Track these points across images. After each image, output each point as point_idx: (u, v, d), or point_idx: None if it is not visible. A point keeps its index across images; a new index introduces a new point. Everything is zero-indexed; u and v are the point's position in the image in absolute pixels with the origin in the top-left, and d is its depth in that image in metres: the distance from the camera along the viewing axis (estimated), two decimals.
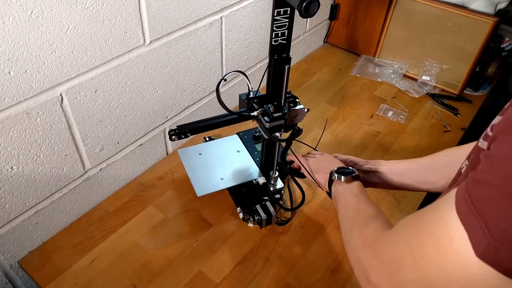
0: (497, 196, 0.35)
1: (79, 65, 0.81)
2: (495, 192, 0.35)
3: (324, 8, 1.61)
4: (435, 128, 1.33)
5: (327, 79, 1.53)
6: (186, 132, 0.84)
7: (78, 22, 0.77)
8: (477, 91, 1.49)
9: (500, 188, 0.35)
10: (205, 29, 1.07)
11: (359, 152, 1.22)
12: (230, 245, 0.95)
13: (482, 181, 0.37)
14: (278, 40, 0.76)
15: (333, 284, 0.89)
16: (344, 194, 0.70)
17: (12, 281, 0.94)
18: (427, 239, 0.40)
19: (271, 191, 0.97)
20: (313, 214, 1.03)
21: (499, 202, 0.34)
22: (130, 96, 0.96)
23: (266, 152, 0.95)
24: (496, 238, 0.34)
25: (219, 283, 0.88)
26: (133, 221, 0.99)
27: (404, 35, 1.49)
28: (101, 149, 0.97)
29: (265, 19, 1.27)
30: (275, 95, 0.83)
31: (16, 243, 0.89)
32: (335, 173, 0.74)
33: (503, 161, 0.36)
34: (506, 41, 1.45)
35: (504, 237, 0.33)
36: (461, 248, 0.36)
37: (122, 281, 0.87)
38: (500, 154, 0.37)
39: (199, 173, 0.99)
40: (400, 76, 1.52)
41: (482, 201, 0.36)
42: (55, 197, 0.92)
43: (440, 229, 0.39)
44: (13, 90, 0.73)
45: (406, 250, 0.43)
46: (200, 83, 1.16)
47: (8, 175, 0.80)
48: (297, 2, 0.63)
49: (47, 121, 0.81)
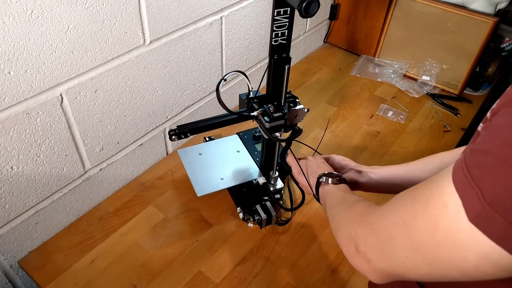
0: (493, 162, 0.35)
1: (79, 65, 0.81)
2: (491, 159, 0.35)
3: (324, 8, 1.61)
4: (435, 128, 1.33)
5: (327, 79, 1.53)
6: (186, 132, 0.84)
7: (78, 22, 0.77)
8: (477, 91, 1.49)
9: (496, 154, 0.34)
10: (205, 29, 1.07)
11: (359, 152, 1.23)
12: (230, 245, 0.95)
13: (479, 149, 0.37)
14: (278, 40, 0.76)
15: (333, 284, 0.89)
16: (331, 191, 0.72)
17: (12, 281, 0.94)
18: (421, 208, 0.40)
19: (271, 191, 0.97)
20: (313, 214, 1.03)
21: (495, 168, 0.34)
22: (130, 96, 0.96)
23: (266, 152, 0.95)
24: (490, 202, 0.33)
25: (219, 283, 0.88)
26: (133, 221, 0.99)
27: (404, 35, 1.49)
28: (101, 149, 0.97)
29: (265, 19, 1.27)
30: (275, 95, 0.83)
31: (16, 243, 0.89)
32: (323, 176, 0.76)
33: (502, 129, 0.36)
34: (506, 41, 1.45)
35: (497, 202, 0.33)
36: (453, 214, 0.36)
37: (122, 281, 0.87)
38: (500, 123, 0.37)
39: (199, 173, 0.99)
40: (400, 76, 1.52)
41: (477, 168, 0.36)
42: (55, 197, 0.92)
43: (435, 198, 0.39)
44: (13, 90, 0.73)
45: (398, 219, 0.43)
46: (200, 83, 1.16)
47: (8, 175, 0.80)
48: (297, 2, 0.63)
49: (47, 121, 0.81)
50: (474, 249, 0.35)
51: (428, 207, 0.39)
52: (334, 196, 0.69)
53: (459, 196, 0.36)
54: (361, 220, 0.51)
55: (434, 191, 0.39)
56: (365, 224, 0.50)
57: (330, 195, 0.71)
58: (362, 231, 0.49)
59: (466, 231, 0.35)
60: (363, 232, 0.49)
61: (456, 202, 0.36)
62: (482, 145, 0.37)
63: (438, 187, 0.39)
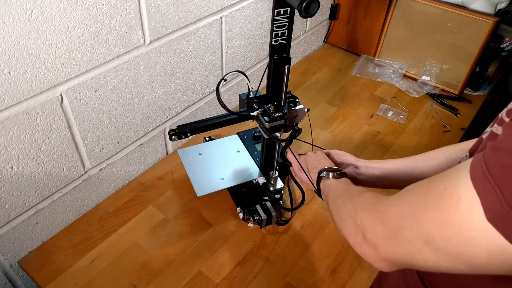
0: None
1: (79, 65, 0.81)
2: None
3: (324, 8, 1.61)
4: (435, 128, 1.33)
5: (327, 79, 1.53)
6: (186, 132, 0.84)
7: (78, 22, 0.77)
8: (477, 91, 1.49)
9: None
10: (205, 29, 1.07)
11: (359, 152, 1.22)
12: (230, 245, 0.95)
13: (501, 148, 0.36)
14: (278, 40, 0.76)
15: (333, 284, 0.89)
16: (333, 185, 0.71)
17: (12, 281, 0.94)
18: (433, 201, 0.40)
19: (271, 191, 0.97)
20: (313, 214, 1.03)
21: None
22: (130, 96, 0.96)
23: (266, 152, 0.95)
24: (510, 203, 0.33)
25: (219, 283, 0.88)
26: (133, 221, 0.99)
27: (404, 35, 1.49)
28: (101, 149, 0.97)
29: (265, 19, 1.27)
30: (275, 95, 0.83)
31: (16, 243, 0.89)
32: (323, 170, 0.75)
33: None
34: (506, 41, 1.45)
35: None
36: (467, 211, 0.36)
37: (122, 281, 0.87)
38: None
39: (199, 173, 0.99)
40: (400, 76, 1.52)
41: (498, 167, 0.35)
42: (55, 197, 0.92)
43: (448, 193, 0.38)
44: (13, 90, 0.73)
45: (409, 211, 0.43)
46: (200, 83, 1.16)
47: (8, 175, 0.80)
48: (297, 2, 0.63)
49: (47, 121, 0.81)
50: (486, 247, 0.35)
51: (440, 201, 0.39)
52: (336, 189, 0.69)
53: (477, 193, 0.35)
54: (369, 209, 0.51)
55: (448, 186, 0.39)
56: (373, 213, 0.49)
57: (332, 189, 0.70)
58: (370, 220, 0.49)
59: (480, 228, 0.35)
60: (371, 221, 0.49)
61: (471, 199, 0.35)
62: (503, 144, 0.36)
63: (453, 182, 0.38)
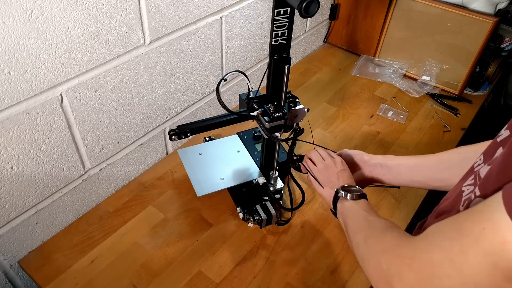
0: None
1: (79, 65, 0.81)
2: None
3: (324, 8, 1.61)
4: (435, 128, 1.33)
5: (327, 79, 1.53)
6: (186, 132, 0.84)
7: (78, 22, 0.77)
8: (477, 91, 1.49)
9: None
10: (205, 29, 1.07)
11: None
12: (230, 245, 0.95)
13: None
14: (278, 40, 0.76)
15: (333, 284, 0.89)
16: (353, 209, 0.68)
17: (12, 281, 0.94)
18: (472, 244, 0.37)
19: (271, 191, 0.97)
20: (313, 214, 1.03)
21: None
22: (130, 96, 0.96)
23: (266, 152, 0.95)
24: None
25: (219, 283, 0.88)
26: (133, 221, 0.99)
27: (404, 35, 1.49)
28: (101, 149, 0.97)
29: (265, 19, 1.27)
30: (275, 95, 0.83)
31: (16, 243, 0.89)
32: (341, 190, 0.71)
33: None
34: (506, 41, 1.45)
35: None
36: None
37: (122, 281, 0.87)
38: None
39: (199, 173, 0.99)
40: (400, 76, 1.52)
41: None
42: (55, 197, 0.92)
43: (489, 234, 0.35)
44: (13, 90, 0.73)
45: (443, 256, 0.40)
46: (200, 83, 1.16)
47: (8, 175, 0.80)
48: (297, 2, 0.63)
49: (47, 121, 0.81)
50: None
51: (480, 242, 0.36)
52: (356, 218, 0.65)
53: None
54: (395, 254, 0.47)
55: (486, 225, 0.36)
56: (399, 258, 0.46)
57: (350, 215, 0.67)
58: (397, 266, 0.46)
59: None
60: (397, 267, 0.45)
61: None
62: None
63: (491, 220, 0.35)
